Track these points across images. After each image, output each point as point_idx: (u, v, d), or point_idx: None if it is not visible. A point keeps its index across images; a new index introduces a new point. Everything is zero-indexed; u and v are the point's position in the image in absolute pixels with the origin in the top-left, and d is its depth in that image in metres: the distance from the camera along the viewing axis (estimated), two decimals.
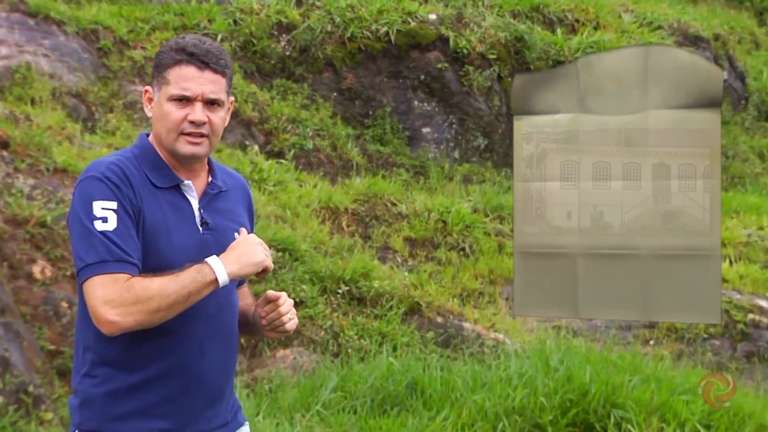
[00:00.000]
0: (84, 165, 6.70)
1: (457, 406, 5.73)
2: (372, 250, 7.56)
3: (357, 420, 5.62)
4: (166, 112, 2.63)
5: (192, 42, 2.65)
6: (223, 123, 2.70)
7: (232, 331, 2.77)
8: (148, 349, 2.61)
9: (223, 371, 2.73)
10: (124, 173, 2.60)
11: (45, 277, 5.84)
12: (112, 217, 2.54)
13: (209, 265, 2.55)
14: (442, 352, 6.61)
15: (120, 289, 2.50)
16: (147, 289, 2.50)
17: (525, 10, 10.18)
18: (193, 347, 2.64)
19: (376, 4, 9.33)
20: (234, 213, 2.79)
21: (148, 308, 2.50)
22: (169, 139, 2.65)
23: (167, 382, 2.63)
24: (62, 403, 5.44)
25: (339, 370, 6.11)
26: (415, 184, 8.68)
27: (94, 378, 2.64)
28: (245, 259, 2.59)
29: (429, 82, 9.29)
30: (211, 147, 2.69)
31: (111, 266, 2.51)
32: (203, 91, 2.63)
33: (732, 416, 5.76)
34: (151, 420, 2.62)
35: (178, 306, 2.53)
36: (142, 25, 8.72)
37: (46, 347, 5.64)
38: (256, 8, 9.17)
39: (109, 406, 2.62)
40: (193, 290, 2.53)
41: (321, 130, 8.74)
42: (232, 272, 2.57)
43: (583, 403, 5.66)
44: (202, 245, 2.66)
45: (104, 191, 2.56)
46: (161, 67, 2.66)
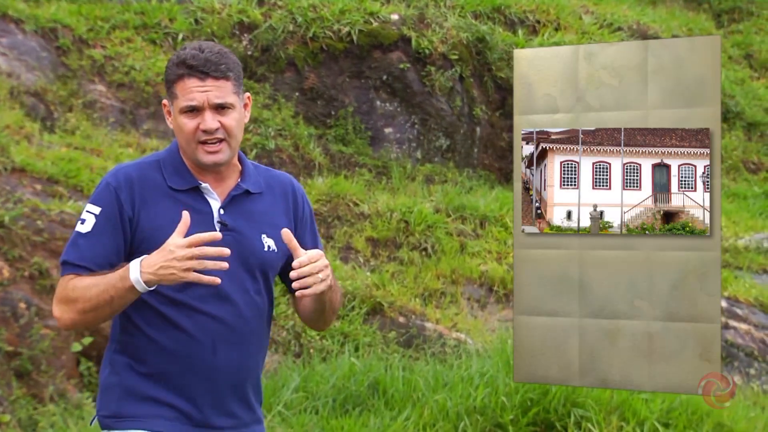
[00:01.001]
0: (42, 164, 6.66)
1: (418, 405, 5.74)
2: (334, 250, 7.56)
3: (319, 420, 5.62)
4: (181, 124, 2.72)
5: (191, 54, 2.70)
6: (239, 123, 2.74)
7: (253, 330, 2.77)
8: (161, 343, 2.69)
9: (239, 370, 2.75)
10: (129, 179, 2.71)
11: (2, 278, 5.78)
12: (90, 221, 2.69)
13: (127, 273, 2.56)
14: (404, 352, 6.62)
15: (62, 288, 2.67)
16: (74, 290, 2.63)
17: (486, 10, 10.23)
18: (205, 344, 2.69)
19: (338, 4, 9.33)
20: (266, 215, 2.80)
21: (76, 308, 2.64)
22: (191, 150, 2.73)
23: (178, 376, 2.70)
24: (20, 405, 5.39)
25: (301, 371, 6.10)
26: (377, 184, 8.68)
27: (114, 366, 2.75)
28: (162, 272, 2.54)
29: (391, 82, 9.30)
30: (232, 149, 2.74)
31: (68, 268, 2.68)
32: (208, 98, 2.69)
33: (690, 414, 5.83)
34: (163, 407, 2.70)
35: (106, 308, 2.60)
36: (102, 24, 8.65)
37: (3, 348, 5.57)
38: (218, 7, 9.13)
39: (124, 391, 2.72)
40: (114, 295, 2.58)
41: (283, 130, 8.72)
42: (149, 281, 2.55)
43: (543, 402, 5.69)
44: (218, 245, 2.65)
45: (98, 195, 2.72)
46: (169, 83, 2.75)
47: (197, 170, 2.76)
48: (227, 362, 2.72)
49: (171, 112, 2.76)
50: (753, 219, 9.90)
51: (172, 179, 2.74)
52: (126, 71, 8.40)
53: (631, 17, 11.64)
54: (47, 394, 5.56)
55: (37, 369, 5.62)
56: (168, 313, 2.69)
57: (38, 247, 5.99)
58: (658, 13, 12.84)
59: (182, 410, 2.70)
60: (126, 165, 2.79)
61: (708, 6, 14.36)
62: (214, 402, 2.73)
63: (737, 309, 7.84)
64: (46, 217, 6.14)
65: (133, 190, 2.70)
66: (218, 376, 2.72)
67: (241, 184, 2.79)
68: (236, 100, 2.73)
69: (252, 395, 2.82)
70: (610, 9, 11.59)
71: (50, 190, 6.49)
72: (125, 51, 8.54)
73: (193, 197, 2.73)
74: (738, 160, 11.52)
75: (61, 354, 5.71)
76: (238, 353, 2.74)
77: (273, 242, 2.79)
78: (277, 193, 2.86)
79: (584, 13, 11.14)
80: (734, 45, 13.61)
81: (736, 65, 13.18)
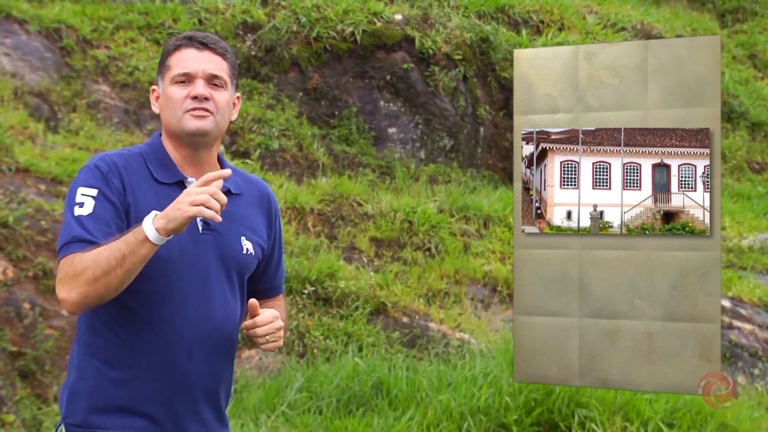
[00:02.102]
0: (46, 165, 6.67)
1: (422, 406, 5.74)
2: (338, 250, 7.56)
3: (322, 420, 5.62)
4: (170, 94, 2.66)
5: (192, 31, 2.76)
6: (228, 105, 2.71)
7: (228, 339, 2.72)
8: (134, 346, 2.60)
9: (212, 378, 2.70)
10: (116, 165, 2.63)
11: (7, 278, 5.78)
12: (89, 203, 2.56)
13: (142, 224, 2.49)
14: (407, 352, 6.62)
15: (66, 266, 2.51)
16: (82, 260, 2.48)
17: (490, 11, 10.23)
18: (181, 348, 2.62)
19: (342, 5, 9.33)
20: (245, 218, 2.76)
21: (86, 279, 2.47)
22: (176, 120, 2.66)
23: (151, 381, 2.61)
24: (24, 405, 5.39)
25: (304, 371, 6.10)
26: (381, 184, 8.69)
27: (82, 371, 2.64)
28: (171, 212, 2.46)
29: (395, 82, 9.30)
30: (218, 126, 2.68)
31: (72, 247, 2.52)
32: (204, 68, 2.66)
33: (694, 414, 5.82)
34: (133, 417, 2.61)
35: (117, 270, 2.46)
36: (106, 24, 8.65)
37: (7, 348, 5.58)
38: (222, 8, 9.14)
39: (93, 399, 2.62)
40: (126, 251, 2.45)
41: (287, 130, 8.72)
42: (159, 227, 2.46)
43: (547, 402, 5.69)
44: (199, 244, 2.65)
45: (89, 179, 2.59)
46: (163, 57, 2.72)
47: (181, 163, 2.70)
48: (203, 368, 2.66)
49: (159, 94, 2.71)
50: (757, 219, 9.89)
51: (157, 172, 2.67)
52: (130, 71, 8.41)
53: (635, 17, 11.63)
54: (51, 394, 5.57)
55: (41, 369, 5.62)
56: (144, 315, 2.60)
57: (42, 247, 6.00)
58: (661, 13, 12.83)
59: (154, 418, 2.62)
60: (108, 153, 2.69)
61: (712, 6, 14.35)
62: (186, 408, 2.66)
63: (741, 309, 7.83)
64: (50, 218, 6.15)
65: (122, 176, 2.62)
66: (193, 382, 2.65)
67: (224, 183, 2.70)
68: (229, 84, 2.71)
69: (222, 400, 2.78)
70: (613, 9, 11.58)
71: (54, 190, 6.49)
72: (129, 51, 8.55)
73: (177, 192, 2.61)
74: (742, 160, 11.51)
75: (65, 354, 5.72)
76: (213, 359, 2.68)
77: (251, 245, 2.75)
78: (255, 197, 2.83)
79: (588, 13, 11.14)
80: (738, 45, 13.60)
81: (740, 65, 13.16)
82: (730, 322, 7.63)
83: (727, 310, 7.70)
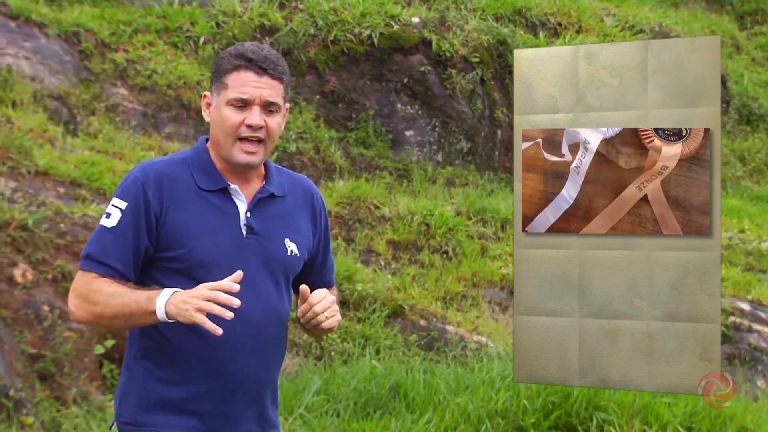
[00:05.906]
0: (65, 168, 6.70)
1: (440, 409, 5.74)
2: (355, 253, 7.56)
3: (340, 423, 5.62)
4: (225, 116, 2.69)
5: (251, 48, 2.72)
6: (279, 128, 2.74)
7: (274, 342, 2.76)
8: (182, 347, 2.67)
9: (258, 380, 2.74)
10: (158, 175, 2.68)
11: (26, 281, 5.81)
12: (116, 215, 2.65)
13: (156, 297, 2.56)
14: (425, 355, 6.61)
15: (84, 283, 2.63)
16: (97, 293, 2.60)
17: (507, 13, 10.21)
18: (225, 351, 2.67)
19: (359, 7, 9.34)
20: (289, 218, 2.80)
21: (93, 311, 2.61)
22: (227, 145, 2.70)
23: (198, 382, 2.68)
24: (43, 407, 5.42)
25: (322, 373, 6.10)
26: (398, 187, 8.69)
27: (132, 371, 2.73)
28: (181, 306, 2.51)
29: (412, 85, 9.30)
30: (266, 153, 2.73)
31: (91, 265, 2.64)
32: (261, 94, 2.68)
33: (713, 418, 5.79)
34: (182, 416, 2.68)
35: (121, 321, 2.60)
36: (125, 28, 8.69)
37: (27, 351, 5.61)
38: (239, 11, 9.16)
39: (142, 398, 2.70)
40: (135, 311, 2.57)
41: (304, 133, 8.74)
42: (169, 312, 2.54)
43: (565, 405, 5.67)
44: (242, 249, 2.69)
45: (125, 190, 2.67)
46: (220, 72, 2.72)
47: (225, 170, 2.74)
48: (250, 369, 2.71)
49: (212, 103, 2.73)
50: None
51: (201, 179, 2.71)
52: (148, 75, 8.44)
53: (653, 19, 11.59)
54: (70, 396, 5.59)
55: (60, 371, 5.65)
56: None
57: (61, 250, 6.03)
58: (680, 15, 12.78)
59: (202, 417, 2.68)
60: (155, 161, 2.74)
61: (731, 8, 14.28)
62: (234, 409, 2.71)
63: (761, 312, 7.78)
64: (69, 220, 6.18)
65: (163, 187, 2.66)
66: (240, 383, 2.70)
67: (267, 187, 2.77)
68: (283, 105, 2.74)
69: (270, 401, 2.81)
70: (632, 11, 11.54)
71: (73, 193, 6.53)
72: (147, 55, 8.58)
73: (221, 198, 2.70)
74: (761, 163, 11.45)
75: (84, 356, 5.74)
76: (260, 360, 2.73)
77: (295, 246, 2.79)
78: (299, 197, 2.86)
79: (606, 15, 11.10)
80: (757, 47, 13.53)
81: (759, 67, 13.09)
82: (749, 326, 7.59)
83: (746, 313, 7.65)
